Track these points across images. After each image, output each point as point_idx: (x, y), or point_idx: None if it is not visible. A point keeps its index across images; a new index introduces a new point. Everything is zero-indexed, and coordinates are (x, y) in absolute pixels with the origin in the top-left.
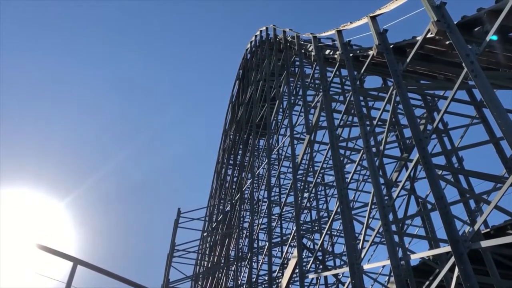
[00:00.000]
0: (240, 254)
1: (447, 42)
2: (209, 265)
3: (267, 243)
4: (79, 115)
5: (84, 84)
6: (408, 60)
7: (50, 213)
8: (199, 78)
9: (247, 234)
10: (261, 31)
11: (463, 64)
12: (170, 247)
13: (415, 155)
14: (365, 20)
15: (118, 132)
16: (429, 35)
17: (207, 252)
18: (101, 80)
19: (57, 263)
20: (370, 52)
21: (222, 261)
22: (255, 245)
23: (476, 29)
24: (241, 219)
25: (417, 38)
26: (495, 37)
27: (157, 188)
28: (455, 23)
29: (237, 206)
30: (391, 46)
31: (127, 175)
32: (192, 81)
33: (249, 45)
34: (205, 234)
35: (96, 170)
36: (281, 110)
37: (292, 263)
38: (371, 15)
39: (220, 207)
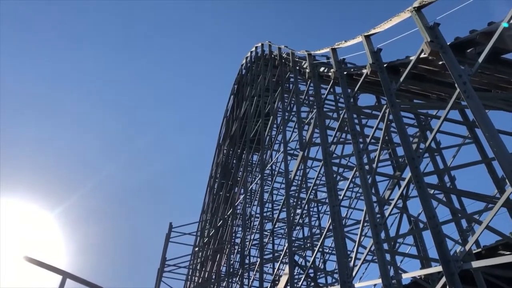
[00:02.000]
0: (231, 270)
1: (440, 63)
2: (200, 281)
3: (258, 259)
4: (71, 124)
5: (77, 94)
6: (401, 79)
7: (40, 223)
8: (195, 91)
9: (239, 249)
10: (256, 47)
11: (456, 85)
12: (160, 261)
13: (407, 174)
14: (359, 39)
15: (110, 143)
16: (422, 55)
17: (198, 268)
18: (93, 91)
19: (47, 276)
20: (364, 71)
21: (213, 277)
22: (247, 261)
23: (469, 50)
24: (233, 234)
25: (411, 58)
26: (506, 24)
27: (148, 201)
28: (448, 44)
29: (229, 221)
30: (384, 65)
31: (118, 186)
32: (188, 94)
33: (244, 61)
34: (196, 249)
35: (88, 180)
36: (275, 125)
37: (283, 280)
38: (366, 34)
39: (212, 222)
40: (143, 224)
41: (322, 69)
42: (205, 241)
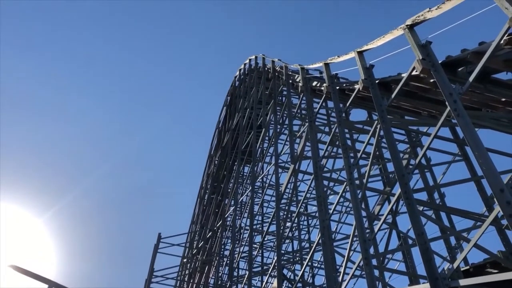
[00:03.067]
0: (219, 282)
1: (432, 80)
2: None
3: (247, 272)
4: (59, 127)
5: (67, 96)
6: (393, 95)
7: (29, 229)
8: (189, 99)
9: (228, 262)
10: (250, 59)
11: (447, 103)
12: (148, 272)
13: (397, 190)
14: (352, 54)
15: (100, 148)
16: (414, 73)
17: (186, 279)
18: (84, 94)
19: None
20: (356, 86)
21: None
22: (235, 274)
23: (460, 69)
24: (222, 246)
25: (402, 75)
26: None
27: (138, 208)
28: (439, 62)
29: (218, 233)
30: (376, 81)
31: (108, 192)
32: (179, 104)
33: (238, 73)
34: (185, 260)
35: (76, 186)
36: (267, 138)
37: None
38: (358, 50)
39: (201, 233)
40: (132, 231)
41: (314, 83)
42: (193, 252)
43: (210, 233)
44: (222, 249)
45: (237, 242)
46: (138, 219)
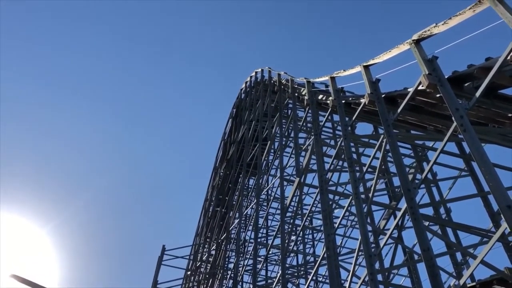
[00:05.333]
0: None
1: (438, 95)
2: None
3: (251, 286)
4: (63, 136)
5: (68, 106)
6: (399, 110)
7: (32, 239)
8: (192, 115)
9: (232, 275)
10: (256, 72)
11: (453, 118)
12: (152, 284)
13: (403, 204)
14: (358, 68)
15: (105, 158)
16: (420, 87)
17: None
18: (89, 101)
19: None
20: (362, 100)
21: None
22: (239, 287)
23: (466, 84)
24: (226, 259)
25: (409, 90)
26: None
27: (142, 219)
28: (446, 77)
29: (222, 246)
30: (383, 96)
31: (112, 202)
32: (185, 117)
33: (244, 85)
34: (188, 273)
35: (79, 196)
36: (272, 150)
37: None
38: (364, 64)
39: (206, 246)
40: (136, 243)
41: (320, 96)
42: (197, 265)
43: (215, 245)
44: (226, 262)
45: (242, 255)
46: (142, 231)
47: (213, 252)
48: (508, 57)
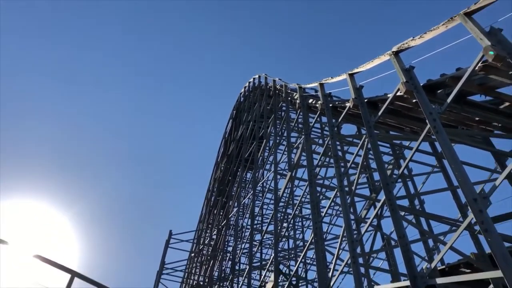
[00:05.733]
0: (222, 275)
1: (414, 101)
2: (194, 284)
3: (247, 267)
4: (86, 124)
5: (94, 94)
6: (379, 113)
7: (55, 223)
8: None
9: (230, 257)
10: (254, 78)
11: (427, 121)
12: (160, 264)
13: (382, 196)
14: (344, 76)
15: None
16: (398, 93)
17: (193, 272)
18: (110, 91)
19: (57, 274)
20: (347, 104)
21: (206, 280)
22: (237, 268)
23: (439, 91)
24: (226, 243)
25: (388, 95)
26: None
27: (153, 207)
28: (421, 85)
29: (223, 231)
30: (365, 100)
31: (128, 192)
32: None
33: (243, 90)
34: (192, 255)
35: (98, 185)
36: (267, 148)
37: (269, 286)
38: (350, 72)
39: (208, 231)
40: (147, 228)
41: (310, 100)
42: (200, 248)
43: (216, 231)
44: (226, 246)
45: (239, 239)
46: (152, 218)
47: (214, 237)
48: (476, 68)
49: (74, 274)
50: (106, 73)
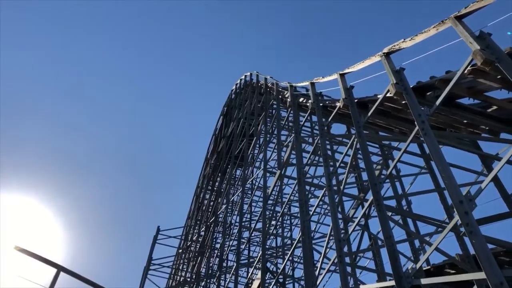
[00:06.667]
0: (210, 271)
1: (403, 102)
2: (181, 280)
3: (235, 264)
4: (74, 120)
5: (80, 88)
6: (369, 114)
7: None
8: (191, 108)
9: (218, 254)
10: (246, 75)
11: (416, 123)
12: (147, 260)
13: (370, 196)
14: (335, 76)
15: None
16: (388, 95)
17: (180, 268)
18: (101, 89)
19: (43, 268)
20: (338, 104)
21: (194, 277)
22: (224, 265)
23: (428, 93)
24: (214, 240)
25: (378, 96)
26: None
27: (140, 202)
28: (411, 86)
29: (211, 228)
30: (355, 101)
31: (116, 187)
32: (185, 110)
33: (234, 87)
34: (180, 251)
35: (86, 180)
36: (257, 145)
37: (255, 284)
38: (341, 72)
39: (196, 227)
40: (134, 222)
41: (301, 99)
42: (188, 244)
43: (204, 227)
44: (214, 242)
45: (227, 236)
46: (141, 214)
47: (202, 233)
48: (465, 71)
49: (60, 268)
50: (94, 71)
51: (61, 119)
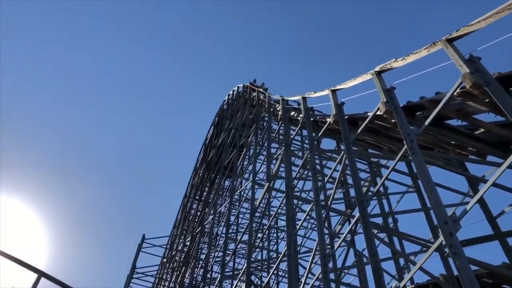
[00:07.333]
0: (194, 282)
1: (393, 121)
2: None
3: (219, 275)
4: (61, 122)
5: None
6: (359, 131)
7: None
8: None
9: (203, 265)
10: (238, 86)
11: (404, 142)
12: (130, 268)
13: (357, 212)
14: (326, 92)
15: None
16: (378, 113)
17: (164, 277)
18: (91, 93)
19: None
20: (328, 119)
21: (177, 287)
22: (209, 276)
23: (418, 113)
24: (199, 250)
25: (368, 114)
26: None
27: (127, 209)
28: (401, 106)
29: (197, 238)
30: (345, 117)
31: (102, 193)
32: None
33: (226, 97)
34: (164, 260)
35: (72, 185)
36: (247, 157)
37: None
38: (332, 88)
39: (182, 237)
40: (121, 230)
41: (292, 113)
42: (173, 253)
43: (190, 237)
44: (199, 253)
45: (213, 247)
46: (127, 221)
47: (188, 243)
48: (455, 93)
49: (41, 274)
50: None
51: (47, 121)
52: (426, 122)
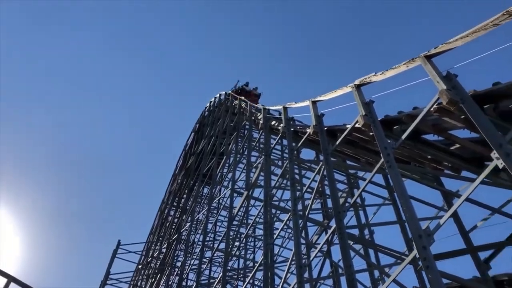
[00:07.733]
0: None
1: (371, 134)
2: None
3: (195, 283)
4: (37, 121)
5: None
6: (337, 142)
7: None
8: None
9: (178, 272)
10: (220, 94)
11: (381, 155)
12: (104, 274)
13: (334, 223)
14: (307, 103)
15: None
16: (357, 125)
17: (138, 284)
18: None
19: None
20: (308, 130)
21: None
22: (184, 284)
23: (395, 127)
24: (175, 258)
25: (347, 126)
26: None
27: (103, 213)
28: (379, 119)
29: (173, 245)
30: (325, 128)
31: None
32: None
33: (208, 104)
34: (139, 267)
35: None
36: (227, 164)
37: None
38: (312, 99)
39: (158, 244)
40: (96, 236)
41: (273, 122)
42: (148, 260)
43: (166, 244)
44: (175, 260)
45: (189, 255)
46: (101, 226)
47: (164, 250)
48: (431, 109)
49: (10, 278)
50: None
51: (22, 121)
52: (403, 136)
